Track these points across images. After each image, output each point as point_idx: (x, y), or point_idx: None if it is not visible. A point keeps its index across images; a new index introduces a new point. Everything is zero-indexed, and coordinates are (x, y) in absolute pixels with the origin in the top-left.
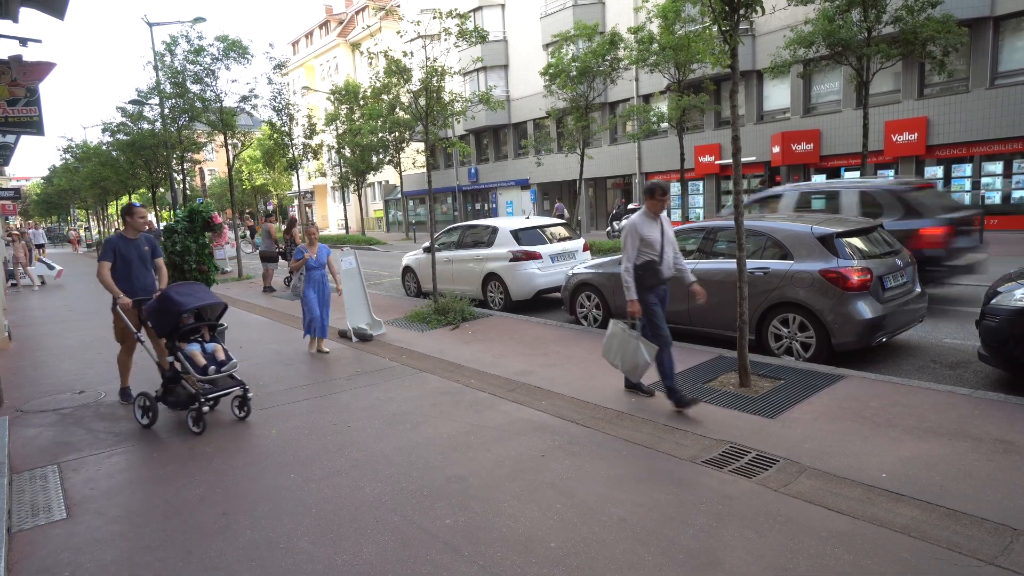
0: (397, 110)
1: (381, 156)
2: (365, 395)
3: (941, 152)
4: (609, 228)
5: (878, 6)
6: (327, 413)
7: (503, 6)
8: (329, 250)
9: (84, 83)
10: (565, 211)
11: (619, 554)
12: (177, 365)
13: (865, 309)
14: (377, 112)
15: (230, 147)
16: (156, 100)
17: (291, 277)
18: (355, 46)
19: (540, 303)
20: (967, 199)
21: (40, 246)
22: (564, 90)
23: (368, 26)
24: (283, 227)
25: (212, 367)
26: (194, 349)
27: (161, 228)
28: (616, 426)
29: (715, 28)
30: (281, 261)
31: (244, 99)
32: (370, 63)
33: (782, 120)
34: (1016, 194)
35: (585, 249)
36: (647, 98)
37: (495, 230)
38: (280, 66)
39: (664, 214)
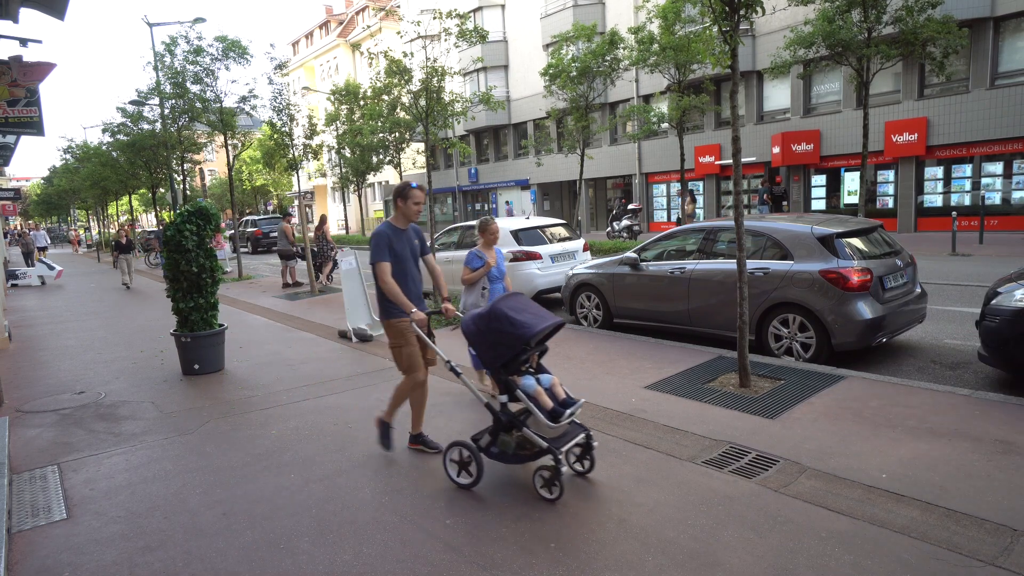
0: (397, 110)
1: (381, 156)
2: (365, 395)
3: (941, 152)
4: (609, 228)
5: (878, 6)
6: (327, 413)
7: (503, 6)
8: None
9: (84, 83)
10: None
11: (619, 555)
12: (511, 406)
13: (865, 309)
14: (377, 112)
15: (230, 147)
16: (156, 100)
17: (320, 275)
18: (355, 46)
19: (540, 303)
20: (967, 199)
21: (43, 248)
22: (564, 90)
23: (368, 26)
24: (304, 226)
25: (566, 411)
26: (532, 385)
27: (155, 231)
28: (616, 426)
29: (715, 28)
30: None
31: (244, 99)
32: (370, 63)
33: (782, 120)
34: (1016, 195)
35: (585, 249)
36: (647, 98)
37: None
38: (280, 66)
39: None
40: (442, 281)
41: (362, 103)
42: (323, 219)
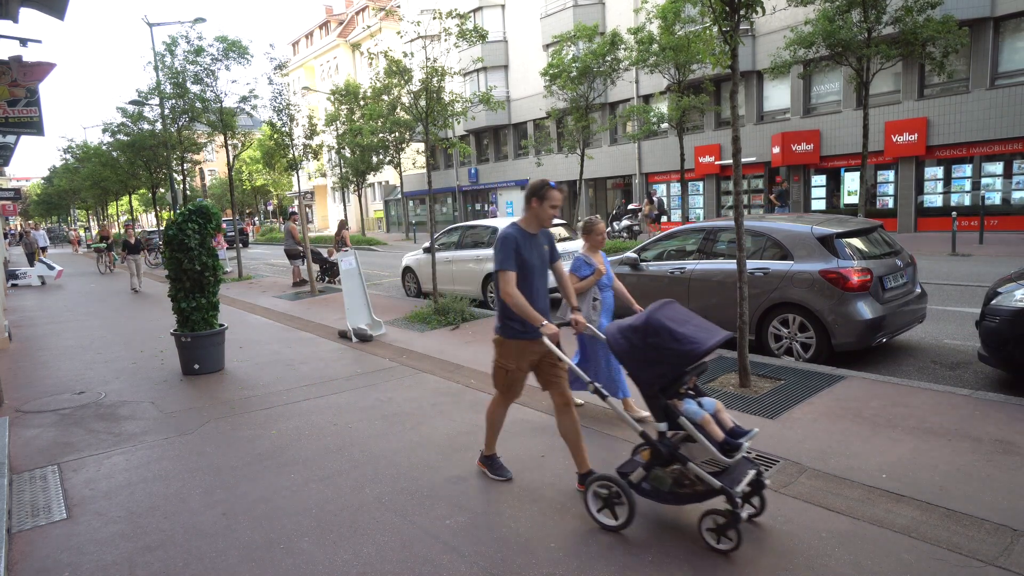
0: (397, 110)
1: (381, 156)
2: (365, 395)
3: (941, 152)
4: (609, 228)
5: (878, 6)
6: (327, 413)
7: (503, 6)
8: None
9: (84, 83)
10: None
11: (619, 555)
12: (668, 434)
13: (865, 309)
14: (377, 112)
15: (230, 147)
16: (156, 100)
17: (323, 276)
18: (355, 46)
19: None
20: (967, 199)
21: (42, 248)
22: (564, 90)
23: (368, 26)
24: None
25: (742, 443)
26: (697, 412)
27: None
28: (615, 426)
29: (715, 28)
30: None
31: (244, 99)
32: (370, 63)
33: (782, 120)
34: (1016, 195)
35: None
36: (647, 98)
37: (495, 230)
38: (280, 66)
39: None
40: (571, 289)
41: (362, 103)
42: (342, 224)
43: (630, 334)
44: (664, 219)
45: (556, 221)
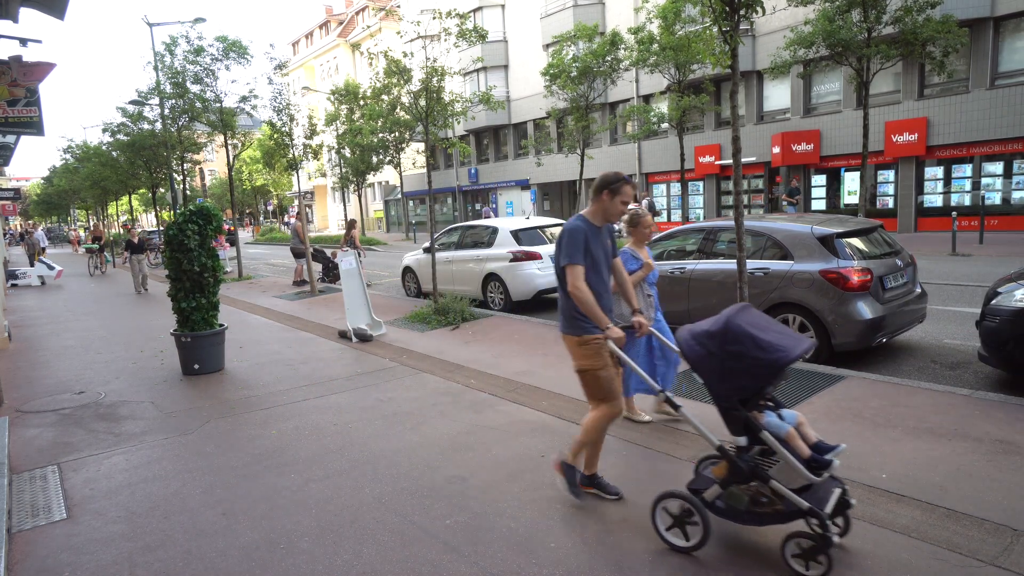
0: (397, 110)
1: (381, 156)
2: (365, 395)
3: (941, 152)
4: None
5: (878, 6)
6: (327, 413)
7: (503, 6)
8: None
9: (84, 83)
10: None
11: (619, 555)
12: (744, 448)
13: (865, 309)
14: (377, 112)
15: (230, 147)
16: (156, 100)
17: (326, 276)
18: (355, 46)
19: (540, 303)
20: (967, 199)
21: (42, 249)
22: (564, 90)
23: (368, 26)
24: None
25: (832, 460)
26: (781, 426)
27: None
28: (615, 426)
29: (715, 28)
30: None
31: (244, 99)
32: (370, 63)
33: (782, 120)
34: (1016, 195)
35: None
36: (647, 98)
37: (495, 230)
38: (280, 66)
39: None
40: (632, 289)
41: (362, 103)
42: (352, 223)
43: (706, 340)
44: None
45: (556, 221)
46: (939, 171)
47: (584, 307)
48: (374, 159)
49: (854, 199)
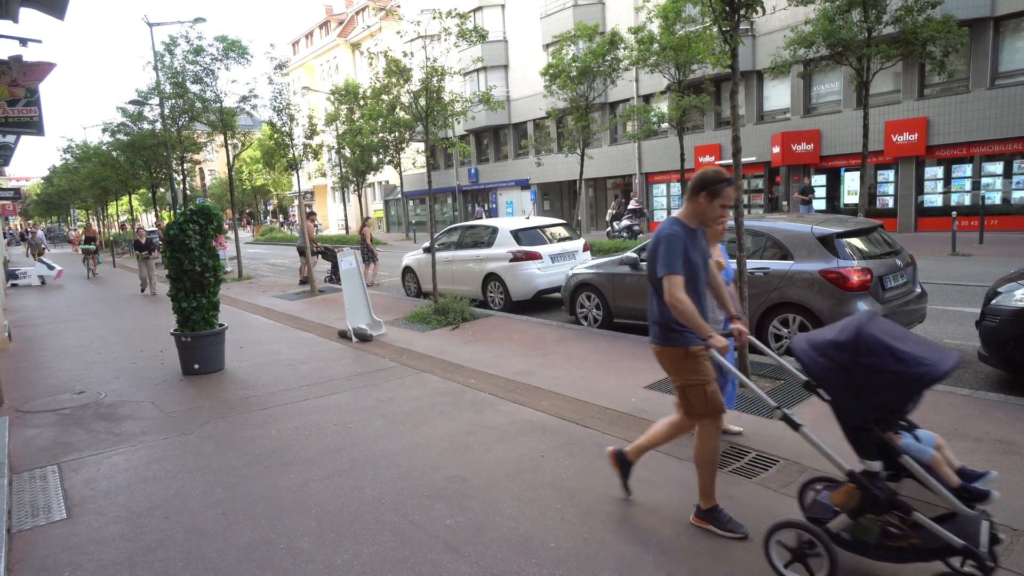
0: (397, 110)
1: (381, 156)
2: (365, 395)
3: (941, 152)
4: (609, 228)
5: (878, 6)
6: (327, 413)
7: (503, 6)
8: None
9: (84, 83)
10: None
11: (619, 554)
12: (879, 474)
13: (865, 309)
14: (377, 112)
15: (230, 147)
16: (156, 100)
17: (334, 275)
18: (355, 46)
19: (540, 303)
20: (967, 199)
21: (43, 250)
22: (564, 90)
23: (368, 26)
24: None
25: (988, 490)
26: (923, 450)
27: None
28: (616, 426)
29: (715, 28)
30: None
31: (244, 99)
32: (370, 63)
33: (782, 120)
34: (1016, 195)
35: (585, 249)
36: (647, 98)
37: (495, 230)
38: (281, 66)
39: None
40: (727, 293)
41: (362, 103)
42: (366, 221)
43: (832, 351)
44: (630, 222)
45: (556, 221)
46: (939, 171)
47: (686, 318)
48: (374, 159)
49: (854, 199)
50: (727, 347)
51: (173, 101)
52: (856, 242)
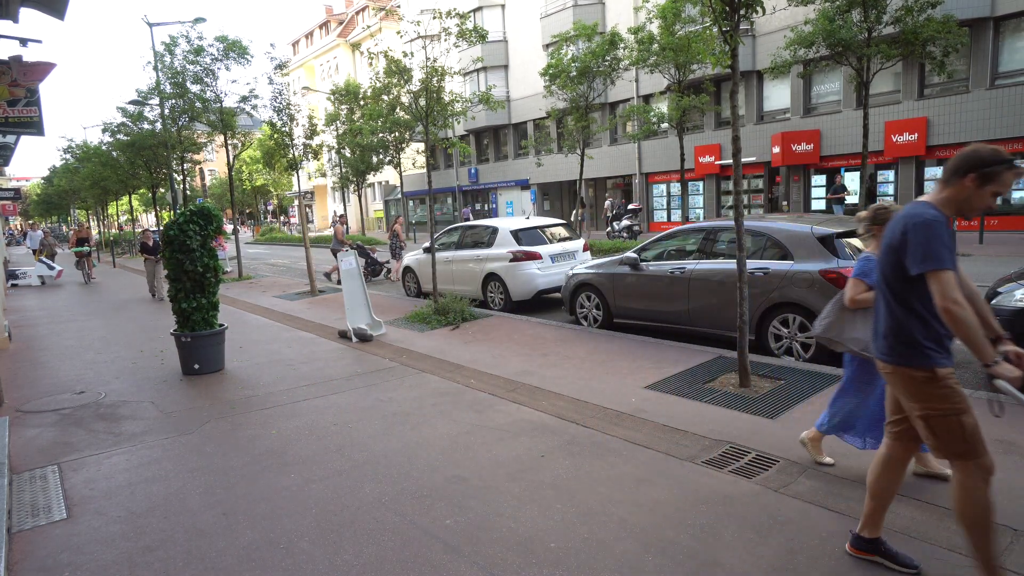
0: (397, 110)
1: (381, 156)
2: (365, 395)
3: (941, 152)
4: (609, 228)
5: (878, 6)
6: (327, 413)
7: (503, 6)
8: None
9: (84, 83)
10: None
11: (619, 554)
12: None
13: None
14: (377, 112)
15: (230, 147)
16: (156, 100)
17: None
18: (355, 46)
19: (540, 303)
20: None
21: (36, 251)
22: (564, 90)
23: (368, 26)
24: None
25: None
26: None
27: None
28: (616, 426)
29: (715, 28)
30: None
31: (244, 99)
32: (370, 63)
33: (782, 120)
34: (1016, 195)
35: (585, 249)
36: (647, 98)
37: (495, 230)
38: (280, 66)
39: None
40: (986, 305)
41: (362, 103)
42: (397, 219)
43: None
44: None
45: (556, 221)
46: (939, 171)
47: (964, 330)
48: (374, 159)
49: (854, 199)
50: (1020, 377)
51: (173, 101)
52: (856, 242)
